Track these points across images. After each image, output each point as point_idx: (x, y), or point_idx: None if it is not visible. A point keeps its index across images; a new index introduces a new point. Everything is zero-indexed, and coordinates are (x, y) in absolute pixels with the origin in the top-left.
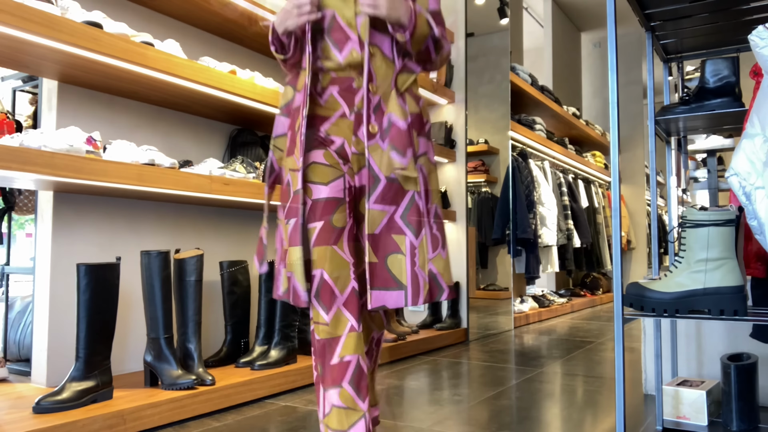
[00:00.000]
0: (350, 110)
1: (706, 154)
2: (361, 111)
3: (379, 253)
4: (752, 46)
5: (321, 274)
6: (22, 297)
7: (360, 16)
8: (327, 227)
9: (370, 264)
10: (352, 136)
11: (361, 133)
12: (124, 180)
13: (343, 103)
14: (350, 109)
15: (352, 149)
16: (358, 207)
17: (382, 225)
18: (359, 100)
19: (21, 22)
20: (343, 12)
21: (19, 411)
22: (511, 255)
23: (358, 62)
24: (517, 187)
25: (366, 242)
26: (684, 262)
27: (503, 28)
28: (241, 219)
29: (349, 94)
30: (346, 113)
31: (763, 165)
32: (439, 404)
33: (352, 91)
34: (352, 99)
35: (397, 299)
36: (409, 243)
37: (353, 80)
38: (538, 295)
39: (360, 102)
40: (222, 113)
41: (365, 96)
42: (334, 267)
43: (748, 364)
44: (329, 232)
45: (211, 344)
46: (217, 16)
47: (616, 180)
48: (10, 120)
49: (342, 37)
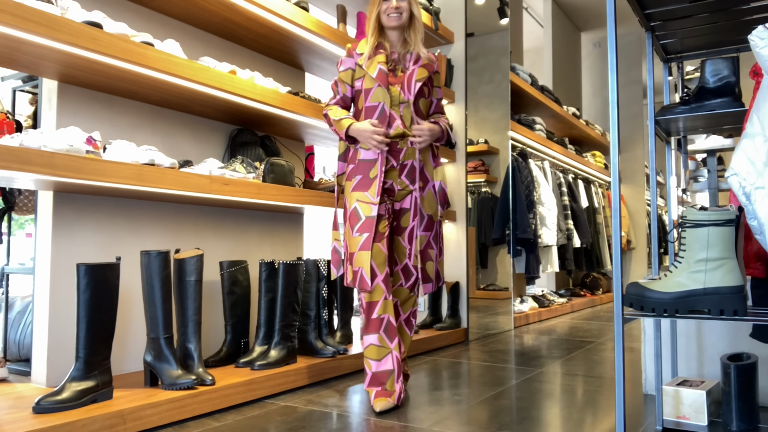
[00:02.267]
0: (397, 162)
1: (706, 154)
2: (405, 162)
3: (423, 260)
4: (752, 46)
5: (361, 271)
6: (22, 297)
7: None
8: (368, 239)
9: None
10: (397, 179)
11: (404, 176)
12: (124, 180)
13: (392, 158)
14: (396, 162)
15: (398, 187)
16: (400, 221)
17: (425, 243)
18: (402, 156)
19: (21, 21)
20: (392, 101)
21: (19, 411)
22: (511, 255)
23: (400, 133)
24: (517, 187)
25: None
26: (684, 262)
27: (503, 28)
28: (241, 219)
29: (396, 153)
30: (394, 165)
31: (763, 165)
32: (439, 404)
33: (397, 150)
34: (397, 155)
35: (430, 287)
36: (435, 255)
37: (398, 143)
38: (538, 295)
39: (403, 156)
40: (222, 113)
41: (418, 164)
42: (378, 257)
43: (748, 364)
44: (378, 235)
45: (211, 344)
46: (217, 16)
47: (616, 180)
48: (10, 120)
49: (392, 117)
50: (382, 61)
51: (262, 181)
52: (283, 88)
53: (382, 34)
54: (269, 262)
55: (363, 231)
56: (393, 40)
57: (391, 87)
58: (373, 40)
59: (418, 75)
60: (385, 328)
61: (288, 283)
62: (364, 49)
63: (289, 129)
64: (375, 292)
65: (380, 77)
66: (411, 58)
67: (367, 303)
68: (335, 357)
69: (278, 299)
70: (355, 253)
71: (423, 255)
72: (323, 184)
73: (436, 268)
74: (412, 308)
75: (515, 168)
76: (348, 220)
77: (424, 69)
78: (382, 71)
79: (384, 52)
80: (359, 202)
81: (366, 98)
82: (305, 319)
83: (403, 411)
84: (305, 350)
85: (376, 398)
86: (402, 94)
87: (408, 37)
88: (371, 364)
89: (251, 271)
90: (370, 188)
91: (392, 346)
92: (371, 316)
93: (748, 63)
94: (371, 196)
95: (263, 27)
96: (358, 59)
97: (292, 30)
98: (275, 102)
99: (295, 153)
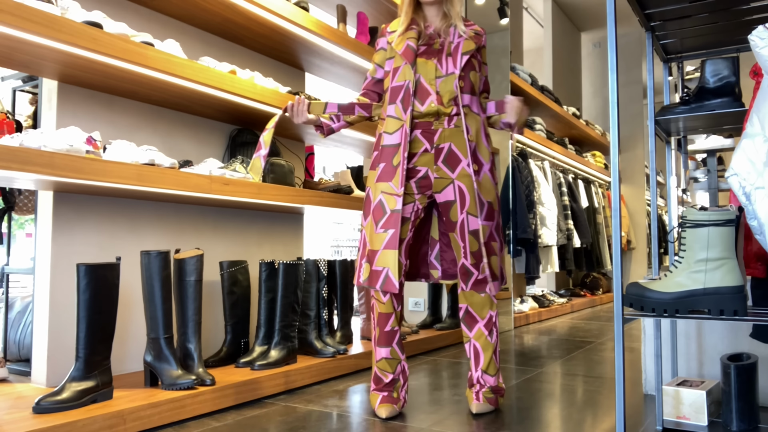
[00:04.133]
0: (431, 146)
1: (706, 154)
2: (441, 146)
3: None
4: (752, 46)
5: (387, 271)
6: (22, 297)
7: (439, 79)
8: (395, 236)
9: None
10: (433, 165)
11: (441, 162)
12: (124, 180)
13: (425, 141)
14: (431, 145)
15: (434, 175)
16: (448, 216)
17: (487, 235)
18: (437, 138)
19: (21, 21)
20: (427, 76)
21: (19, 411)
22: (511, 255)
23: (434, 111)
24: (517, 187)
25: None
26: (684, 262)
27: (503, 28)
28: (241, 219)
29: (429, 134)
30: (428, 148)
31: (763, 165)
32: (439, 404)
33: (431, 131)
34: (431, 138)
35: (497, 286)
36: (498, 248)
37: (431, 124)
38: (538, 295)
39: (438, 138)
40: (222, 113)
41: (467, 143)
42: (394, 266)
43: (748, 364)
44: (396, 240)
45: (211, 344)
46: (217, 16)
47: (616, 180)
48: (10, 120)
49: (425, 93)
50: (413, 37)
51: (262, 181)
52: (283, 88)
53: (417, 11)
54: (269, 262)
55: (389, 227)
56: (430, 15)
57: (427, 61)
58: (405, 17)
59: (465, 47)
60: (398, 340)
61: (288, 283)
62: (396, 27)
63: (289, 129)
64: (389, 303)
65: (407, 53)
66: (455, 31)
67: (380, 314)
68: (335, 357)
69: (278, 299)
70: (379, 251)
71: (487, 248)
72: (323, 184)
73: (501, 264)
74: (490, 312)
75: (515, 168)
76: (372, 213)
77: (471, 41)
78: (409, 47)
79: (416, 28)
80: (384, 194)
81: (393, 78)
82: (305, 319)
83: (403, 411)
84: (305, 350)
85: (381, 403)
86: (439, 68)
87: (447, 10)
88: (388, 375)
89: (251, 271)
90: (394, 177)
91: (402, 357)
92: (384, 328)
93: (748, 63)
94: (395, 186)
95: (263, 27)
96: (389, 37)
97: (292, 30)
98: (275, 102)
99: (295, 153)
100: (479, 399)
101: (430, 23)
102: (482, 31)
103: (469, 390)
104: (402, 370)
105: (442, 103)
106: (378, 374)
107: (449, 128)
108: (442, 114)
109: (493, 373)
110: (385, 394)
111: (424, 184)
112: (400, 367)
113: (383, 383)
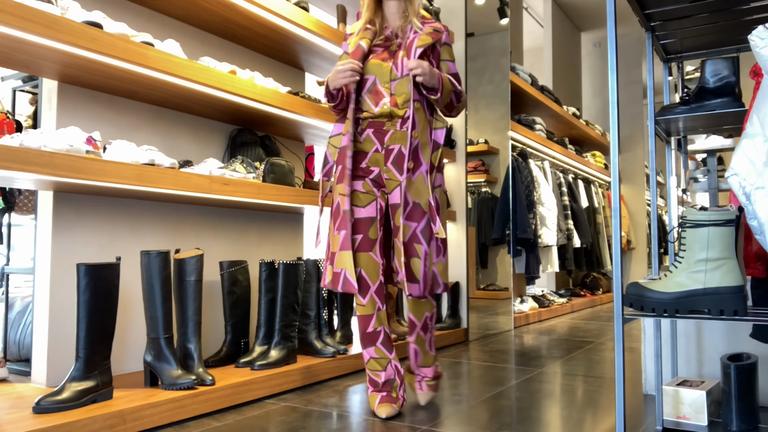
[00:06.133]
0: (381, 146)
1: (706, 154)
2: (390, 147)
3: (407, 254)
4: (752, 46)
5: (361, 272)
6: (22, 297)
7: (394, 81)
8: (365, 239)
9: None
10: (383, 166)
11: (390, 163)
12: (124, 180)
13: (376, 140)
14: (381, 145)
15: (385, 176)
16: (393, 220)
17: (409, 235)
18: (388, 138)
19: (21, 21)
20: (382, 78)
21: (19, 411)
22: (511, 255)
23: (387, 113)
24: (517, 187)
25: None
26: (684, 262)
27: (503, 28)
28: (241, 219)
29: (380, 134)
30: (378, 149)
31: (763, 165)
32: (439, 404)
33: (382, 132)
34: (382, 138)
35: (416, 289)
36: (423, 251)
37: (384, 124)
38: (538, 295)
39: (389, 139)
40: (222, 113)
41: (409, 140)
42: (369, 267)
43: (748, 364)
44: (367, 242)
45: (211, 344)
46: (217, 16)
47: (616, 180)
48: (10, 120)
49: (378, 95)
50: (366, 38)
51: (262, 181)
52: (283, 88)
53: (378, 11)
54: (269, 262)
55: (341, 228)
56: (389, 13)
57: (382, 63)
58: (365, 16)
59: (420, 42)
60: (383, 340)
61: (288, 283)
62: (356, 29)
63: (289, 129)
64: (369, 305)
65: (355, 54)
66: (411, 29)
67: (360, 316)
68: (335, 357)
69: (278, 299)
70: (336, 253)
71: (407, 249)
72: None
73: (426, 269)
74: (426, 313)
75: (515, 168)
76: (332, 215)
77: (427, 36)
78: (360, 48)
79: (372, 28)
80: (340, 195)
81: None
82: (305, 319)
83: (403, 411)
84: (305, 350)
85: (380, 403)
86: (395, 70)
87: (405, 7)
88: (380, 374)
89: (251, 271)
90: (345, 178)
91: (391, 356)
92: (366, 330)
93: (748, 63)
94: (346, 186)
95: (263, 27)
96: (348, 39)
97: (292, 30)
98: (275, 102)
99: (295, 153)
100: (423, 388)
101: (389, 23)
102: (443, 27)
103: (410, 375)
104: (396, 369)
105: (397, 105)
106: (371, 376)
107: (401, 130)
108: (395, 116)
109: (430, 364)
110: (384, 395)
111: (380, 183)
112: (392, 366)
113: (379, 384)
